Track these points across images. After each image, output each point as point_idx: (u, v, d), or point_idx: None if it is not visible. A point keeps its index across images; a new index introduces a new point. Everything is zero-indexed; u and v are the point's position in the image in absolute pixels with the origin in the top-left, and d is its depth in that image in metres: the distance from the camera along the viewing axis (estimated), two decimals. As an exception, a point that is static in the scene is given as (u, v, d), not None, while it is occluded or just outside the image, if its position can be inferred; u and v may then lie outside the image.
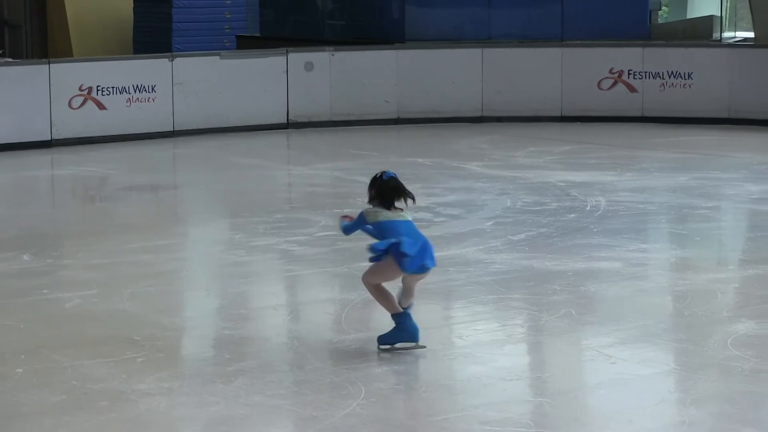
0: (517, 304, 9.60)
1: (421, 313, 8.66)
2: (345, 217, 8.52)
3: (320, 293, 10.13)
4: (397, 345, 8.29)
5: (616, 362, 8.13)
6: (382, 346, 8.29)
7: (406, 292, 8.38)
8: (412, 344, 8.29)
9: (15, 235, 12.08)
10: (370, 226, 8.27)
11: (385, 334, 8.31)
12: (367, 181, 8.40)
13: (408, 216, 8.29)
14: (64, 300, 9.65)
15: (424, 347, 8.27)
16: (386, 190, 8.26)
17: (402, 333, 8.29)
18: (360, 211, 8.34)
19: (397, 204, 8.29)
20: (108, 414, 7.20)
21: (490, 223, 12.09)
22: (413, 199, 8.26)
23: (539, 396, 7.66)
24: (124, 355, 8.21)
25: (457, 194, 13.39)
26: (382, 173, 8.32)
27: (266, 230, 12.08)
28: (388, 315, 9.23)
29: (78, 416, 7.16)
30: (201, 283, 10.69)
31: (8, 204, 13.99)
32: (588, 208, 12.77)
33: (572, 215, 12.43)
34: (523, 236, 11.53)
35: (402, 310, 8.31)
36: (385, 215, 8.23)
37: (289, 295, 10.34)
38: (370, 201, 8.31)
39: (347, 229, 8.48)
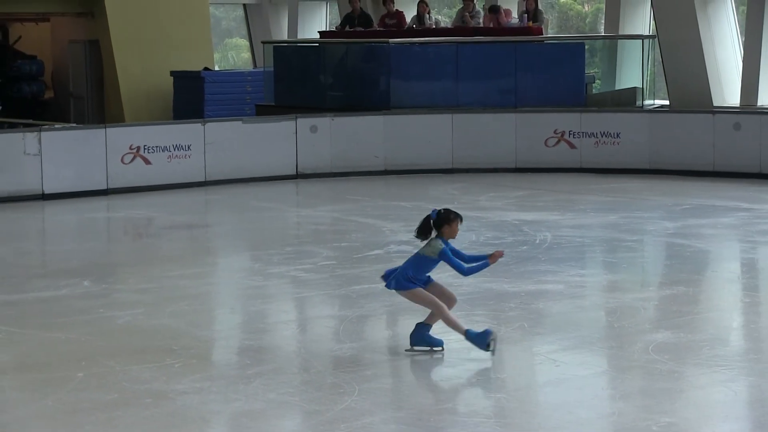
0: (480, 318, 9.57)
1: (405, 327, 8.64)
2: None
3: (323, 311, 10.11)
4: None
5: (559, 365, 8.12)
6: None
7: None
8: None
9: (78, 264, 12.05)
10: None
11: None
12: (361, 220, 8.40)
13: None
14: (116, 317, 9.62)
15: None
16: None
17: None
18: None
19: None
20: (152, 409, 7.18)
21: (458, 254, 12.05)
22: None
23: (498, 392, 7.64)
24: (165, 361, 8.19)
25: (433, 231, 13.36)
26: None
27: (279, 260, 12.06)
28: (380, 328, 9.23)
29: (127, 411, 7.14)
30: (227, 303, 10.67)
31: (72, 240, 13.97)
32: (537, 241, 12.76)
33: (524, 247, 12.42)
34: (485, 264, 11.50)
35: None
36: None
37: (298, 313, 10.31)
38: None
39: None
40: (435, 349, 8.35)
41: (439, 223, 8.34)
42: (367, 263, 11.63)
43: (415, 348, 8.32)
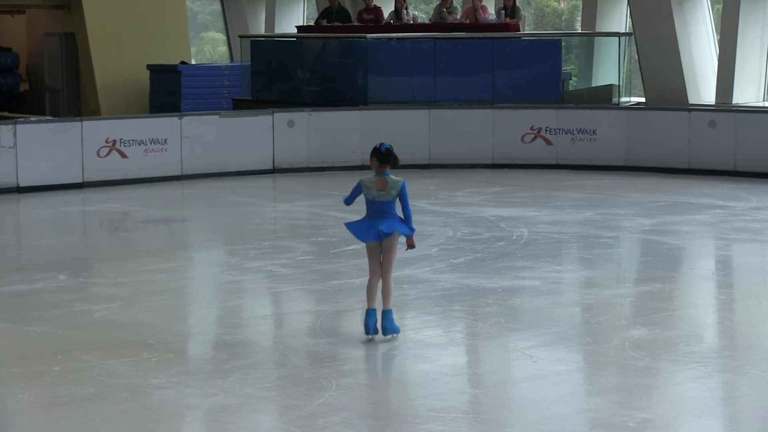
0: (457, 314, 9.60)
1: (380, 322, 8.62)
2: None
3: (299, 305, 10.10)
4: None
5: (536, 361, 8.14)
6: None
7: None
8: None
9: (54, 259, 12.00)
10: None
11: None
12: (338, 215, 8.42)
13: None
14: (93, 311, 9.59)
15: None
16: None
17: None
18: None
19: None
20: (128, 403, 7.16)
21: (435, 249, 12.09)
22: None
23: (475, 388, 7.66)
24: (142, 356, 8.17)
25: (409, 226, 13.36)
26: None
27: (256, 255, 12.04)
28: (357, 323, 9.20)
29: (104, 405, 7.11)
30: (203, 298, 10.64)
31: (48, 234, 13.90)
32: (514, 237, 12.78)
33: (501, 243, 12.44)
34: (462, 260, 11.53)
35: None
36: None
37: (275, 307, 10.30)
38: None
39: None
40: (394, 336, 8.50)
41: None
42: (344, 258, 11.62)
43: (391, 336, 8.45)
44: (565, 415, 6.99)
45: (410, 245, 8.61)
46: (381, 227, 8.37)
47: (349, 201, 8.67)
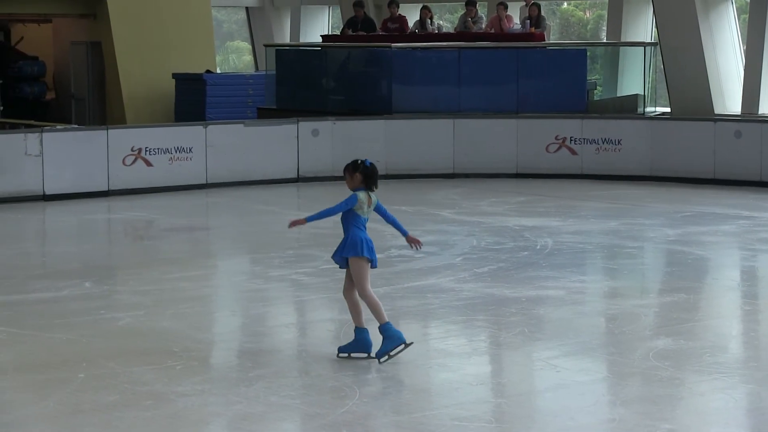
0: (481, 323, 9.58)
1: (405, 331, 8.62)
2: None
3: (323, 314, 10.11)
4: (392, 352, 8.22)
5: (560, 371, 8.12)
6: (381, 360, 8.19)
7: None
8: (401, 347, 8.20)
9: (78, 266, 12.05)
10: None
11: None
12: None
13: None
14: (117, 319, 9.62)
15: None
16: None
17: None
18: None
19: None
20: (152, 411, 7.18)
21: (459, 259, 12.08)
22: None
23: (499, 397, 7.64)
24: (166, 363, 8.19)
25: (434, 235, 13.38)
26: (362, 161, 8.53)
27: (280, 263, 12.06)
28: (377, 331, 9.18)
29: (128, 412, 7.13)
30: (227, 306, 10.66)
31: (73, 241, 13.97)
32: (538, 247, 12.76)
33: (525, 253, 12.42)
34: (486, 269, 11.52)
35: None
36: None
37: (298, 316, 10.31)
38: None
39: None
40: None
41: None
42: (367, 267, 11.60)
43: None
44: (589, 425, 6.98)
45: (414, 241, 8.47)
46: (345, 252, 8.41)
47: (329, 213, 8.55)
